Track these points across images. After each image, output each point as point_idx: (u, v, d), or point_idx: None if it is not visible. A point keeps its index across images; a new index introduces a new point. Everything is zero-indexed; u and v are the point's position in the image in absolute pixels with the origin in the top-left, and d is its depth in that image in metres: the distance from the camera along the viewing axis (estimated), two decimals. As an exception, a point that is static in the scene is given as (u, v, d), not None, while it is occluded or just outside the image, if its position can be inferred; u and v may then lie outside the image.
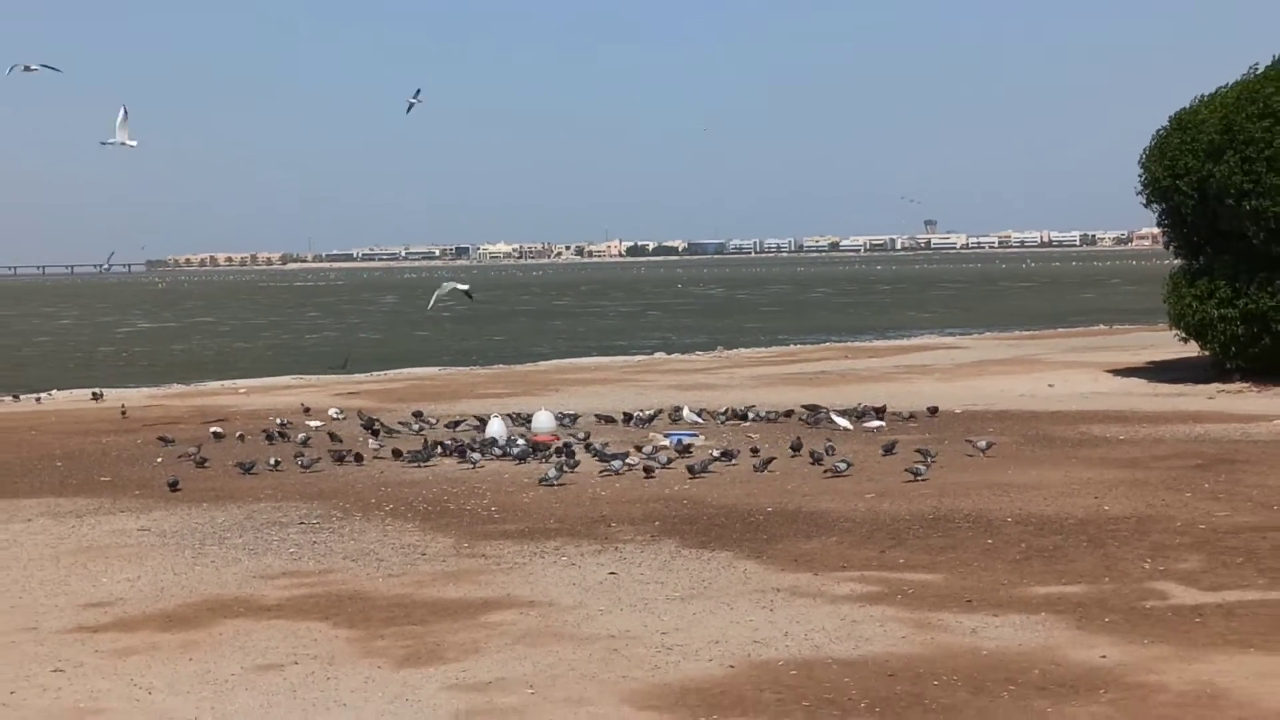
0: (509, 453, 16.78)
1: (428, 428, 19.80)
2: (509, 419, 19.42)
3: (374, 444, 17.71)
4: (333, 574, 11.05)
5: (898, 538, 11.77)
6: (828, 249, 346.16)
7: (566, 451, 16.36)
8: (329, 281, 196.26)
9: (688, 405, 20.95)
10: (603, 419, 20.11)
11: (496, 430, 18.13)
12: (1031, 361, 29.06)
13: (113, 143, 23.83)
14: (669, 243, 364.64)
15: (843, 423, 18.86)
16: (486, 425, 18.69)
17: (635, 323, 67.16)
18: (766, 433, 18.66)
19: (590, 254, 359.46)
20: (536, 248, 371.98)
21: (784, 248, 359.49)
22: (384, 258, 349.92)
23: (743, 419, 19.95)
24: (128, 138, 23.76)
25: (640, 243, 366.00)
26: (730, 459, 15.95)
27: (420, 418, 20.46)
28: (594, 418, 20.25)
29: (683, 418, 20.04)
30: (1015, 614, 9.26)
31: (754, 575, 10.61)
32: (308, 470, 16.19)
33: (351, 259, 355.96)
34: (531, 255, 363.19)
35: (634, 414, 20.08)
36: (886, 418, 19.41)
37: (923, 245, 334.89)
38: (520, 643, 8.90)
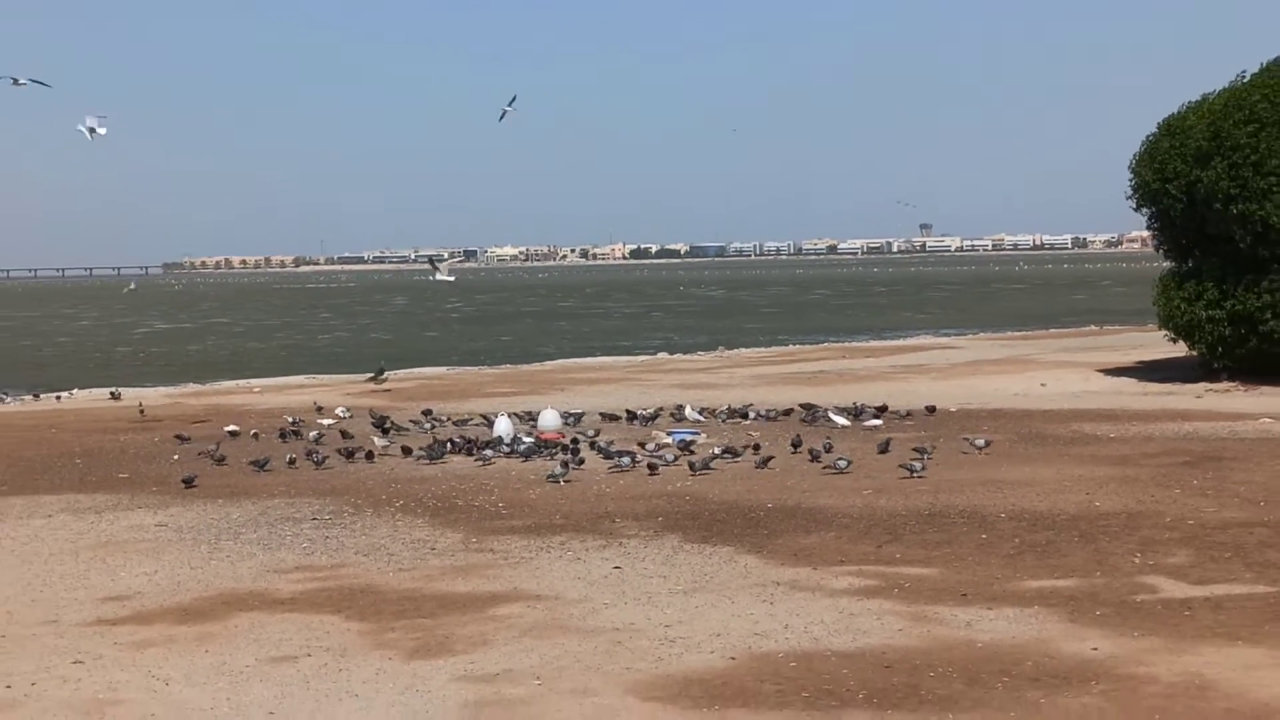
0: (516, 450, 16.99)
1: (437, 425, 19.95)
2: (516, 417, 19.61)
3: (382, 442, 17.88)
4: (345, 568, 11.16)
5: (895, 533, 11.89)
6: (826, 252, 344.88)
7: (572, 449, 16.56)
8: (340, 283, 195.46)
9: (690, 404, 21.13)
10: (607, 417, 20.25)
11: (503, 429, 18.33)
12: (1024, 361, 29.18)
13: (83, 129, 24.72)
14: (671, 245, 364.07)
15: (840, 420, 19.11)
16: (494, 424, 18.90)
17: (639, 323, 67.08)
18: (767, 431, 18.79)
19: (594, 256, 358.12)
20: (542, 250, 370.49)
21: (783, 250, 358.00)
22: (394, 260, 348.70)
23: (743, 417, 20.11)
24: (98, 124, 24.58)
25: (643, 245, 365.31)
26: (734, 455, 16.14)
27: (430, 416, 20.64)
28: (599, 416, 20.41)
29: (685, 416, 20.26)
30: (1009, 607, 9.36)
31: (754, 570, 10.71)
32: (320, 467, 16.38)
33: (363, 261, 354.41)
34: (537, 258, 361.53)
35: (638, 412, 20.27)
36: (885, 417, 19.65)
37: (918, 248, 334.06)
38: (527, 635, 9.01)
